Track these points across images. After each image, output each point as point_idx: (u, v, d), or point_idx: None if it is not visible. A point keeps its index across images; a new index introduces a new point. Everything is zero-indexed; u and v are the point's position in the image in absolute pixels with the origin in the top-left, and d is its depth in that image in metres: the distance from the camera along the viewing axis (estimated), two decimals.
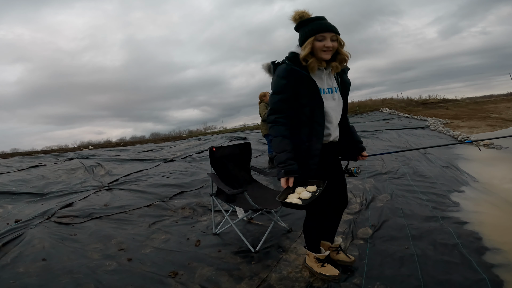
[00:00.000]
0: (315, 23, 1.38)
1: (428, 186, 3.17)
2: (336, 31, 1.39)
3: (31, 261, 1.99)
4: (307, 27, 1.39)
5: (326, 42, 1.36)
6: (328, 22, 1.39)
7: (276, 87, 1.44)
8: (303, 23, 1.42)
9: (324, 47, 1.37)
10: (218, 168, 2.45)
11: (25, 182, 4.64)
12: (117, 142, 16.29)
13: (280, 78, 1.41)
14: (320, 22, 1.38)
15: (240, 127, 18.75)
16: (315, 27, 1.37)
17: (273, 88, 1.46)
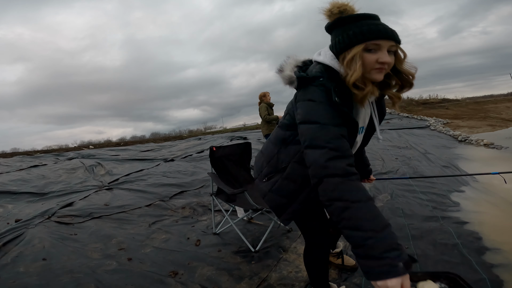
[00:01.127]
0: (365, 23, 0.86)
1: (428, 186, 3.17)
2: (397, 39, 0.87)
3: (31, 261, 1.99)
4: (352, 28, 0.87)
5: (381, 55, 0.85)
6: (385, 24, 0.87)
7: (320, 115, 0.87)
8: (345, 21, 0.90)
9: (378, 62, 0.86)
10: (218, 167, 2.45)
11: (25, 182, 4.65)
12: (117, 141, 16.30)
13: (325, 104, 0.87)
14: (374, 22, 0.87)
15: (241, 126, 18.76)
16: (365, 30, 0.85)
17: (316, 117, 0.87)
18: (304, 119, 0.89)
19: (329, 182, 0.79)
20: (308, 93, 0.91)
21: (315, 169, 0.82)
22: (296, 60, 1.01)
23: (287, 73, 0.97)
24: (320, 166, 0.81)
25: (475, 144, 5.64)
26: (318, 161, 0.81)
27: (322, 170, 0.80)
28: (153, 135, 20.29)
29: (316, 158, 0.82)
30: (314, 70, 0.93)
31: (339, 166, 0.79)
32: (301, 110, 0.91)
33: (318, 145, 0.83)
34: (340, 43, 0.90)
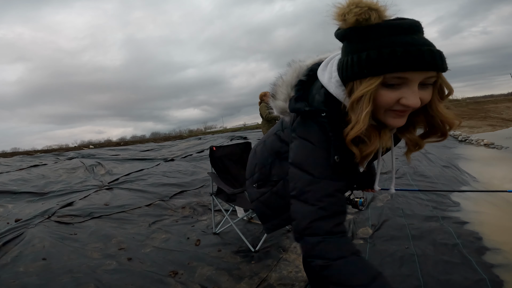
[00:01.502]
0: (391, 40, 0.56)
1: (428, 186, 3.17)
2: (441, 66, 0.57)
3: (31, 261, 1.99)
4: (369, 48, 0.57)
5: (407, 93, 0.58)
6: (423, 43, 0.56)
7: (316, 165, 0.69)
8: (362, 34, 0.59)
9: (399, 104, 0.59)
10: (218, 167, 2.45)
11: (26, 182, 4.65)
12: (118, 141, 16.31)
13: (324, 151, 0.68)
14: (405, 40, 0.56)
15: (241, 126, 18.77)
16: (387, 54, 0.55)
17: (311, 167, 0.69)
18: (296, 163, 0.72)
19: (308, 241, 0.68)
20: (306, 130, 0.70)
21: (298, 224, 0.70)
22: (299, 72, 0.76)
23: (279, 103, 0.78)
24: (304, 224, 0.69)
25: (475, 144, 5.64)
26: (302, 219, 0.69)
27: (305, 229, 0.68)
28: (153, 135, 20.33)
29: (301, 214, 0.69)
30: (317, 99, 0.68)
31: (322, 228, 0.67)
32: (295, 148, 0.72)
33: (307, 201, 0.69)
34: (347, 68, 0.61)
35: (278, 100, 0.79)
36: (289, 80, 0.76)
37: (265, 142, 1.02)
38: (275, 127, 0.99)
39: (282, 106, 0.77)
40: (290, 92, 0.75)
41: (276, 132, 0.95)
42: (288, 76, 0.77)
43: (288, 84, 0.76)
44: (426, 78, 0.57)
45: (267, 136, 1.03)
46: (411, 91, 0.57)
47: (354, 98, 0.60)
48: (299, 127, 0.72)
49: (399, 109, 0.60)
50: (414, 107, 0.59)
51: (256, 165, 1.04)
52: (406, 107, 0.59)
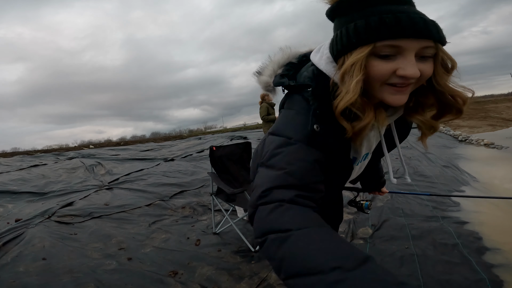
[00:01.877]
0: (377, 9, 0.53)
1: (428, 186, 3.17)
2: (436, 35, 0.52)
3: (31, 261, 1.99)
4: (356, 18, 0.55)
5: (403, 63, 0.53)
6: (414, 11, 0.53)
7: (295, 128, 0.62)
8: (348, 6, 0.57)
9: (397, 76, 0.54)
10: (218, 167, 2.45)
11: (26, 181, 4.65)
12: (118, 141, 16.31)
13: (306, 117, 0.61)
14: (394, 8, 0.52)
15: (241, 126, 18.77)
16: (374, 21, 0.52)
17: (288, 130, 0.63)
18: (274, 130, 0.66)
19: (263, 210, 0.53)
20: (290, 102, 0.67)
21: (255, 194, 0.56)
22: (289, 54, 0.74)
23: (263, 79, 0.75)
24: (260, 191, 0.55)
25: (476, 144, 5.64)
26: (264, 185, 0.55)
27: (259, 198, 0.54)
28: (153, 135, 20.34)
29: (263, 180, 0.57)
30: (304, 75, 0.66)
31: (284, 194, 0.53)
32: (277, 120, 0.70)
33: (274, 165, 0.58)
34: (337, 42, 0.58)
35: (263, 75, 0.76)
36: (278, 60, 0.75)
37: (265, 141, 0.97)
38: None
39: (266, 80, 0.75)
40: (277, 70, 0.74)
41: None
42: (278, 57, 0.75)
43: (276, 62, 0.75)
44: (422, 48, 0.53)
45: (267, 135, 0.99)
46: (407, 61, 0.53)
47: (344, 68, 0.56)
48: (285, 103, 0.70)
49: (397, 81, 0.55)
50: (412, 77, 0.53)
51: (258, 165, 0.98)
52: (404, 79, 0.54)
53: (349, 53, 0.57)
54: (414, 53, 0.53)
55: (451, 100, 0.59)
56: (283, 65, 0.74)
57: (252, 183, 1.01)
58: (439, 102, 0.61)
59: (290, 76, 0.70)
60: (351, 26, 0.55)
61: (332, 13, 0.62)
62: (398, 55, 0.54)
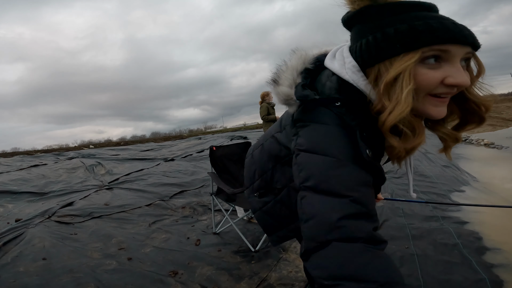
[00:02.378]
0: (417, 15, 0.51)
1: (428, 186, 3.16)
2: (477, 43, 0.51)
3: (31, 261, 1.99)
4: (396, 23, 0.51)
5: (451, 70, 0.50)
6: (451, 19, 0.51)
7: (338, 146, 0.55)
8: (381, 12, 0.53)
9: (444, 85, 0.51)
10: (218, 167, 2.45)
11: (26, 181, 4.65)
12: (118, 141, 16.31)
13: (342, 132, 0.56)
14: (433, 15, 0.51)
15: (241, 126, 18.77)
16: (422, 25, 0.49)
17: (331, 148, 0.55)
18: (309, 147, 0.56)
19: (341, 248, 0.46)
20: (317, 115, 0.58)
21: (319, 226, 0.49)
22: (305, 59, 0.65)
23: (283, 90, 0.64)
24: (329, 223, 0.48)
25: (476, 143, 5.64)
26: (326, 216, 0.49)
27: (334, 230, 0.47)
28: (153, 135, 20.35)
29: (324, 210, 0.50)
30: (328, 86, 0.59)
31: (361, 228, 0.48)
32: (305, 134, 0.58)
33: (332, 191, 0.51)
34: (371, 48, 0.53)
35: (282, 86, 0.65)
36: (295, 66, 0.65)
37: (263, 146, 0.91)
38: (273, 129, 0.88)
39: (287, 92, 0.63)
40: (296, 78, 0.64)
41: (274, 134, 0.85)
42: (294, 62, 0.66)
43: (294, 69, 0.65)
44: (467, 53, 0.51)
45: (264, 139, 0.92)
46: (455, 68, 0.50)
47: (388, 79, 0.51)
48: (306, 114, 0.60)
49: (443, 91, 0.51)
50: (463, 85, 0.50)
51: (255, 171, 0.93)
52: (450, 89, 0.51)
53: (387, 60, 0.52)
54: (459, 59, 0.51)
55: (475, 108, 0.57)
56: (300, 72, 0.65)
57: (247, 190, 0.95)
58: (463, 111, 0.58)
59: (309, 85, 0.63)
60: (389, 31, 0.51)
61: (354, 19, 0.57)
62: (444, 62, 0.50)
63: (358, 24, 0.57)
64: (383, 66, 0.53)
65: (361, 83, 0.57)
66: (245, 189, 0.98)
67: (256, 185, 0.92)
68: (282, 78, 0.65)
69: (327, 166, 0.53)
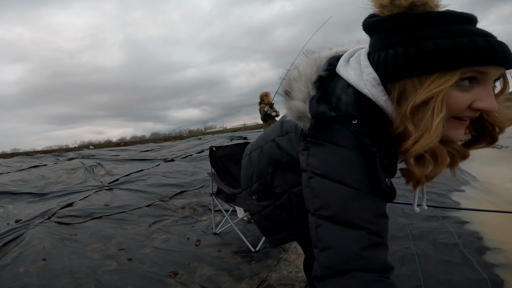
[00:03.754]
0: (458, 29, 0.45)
1: (428, 186, 3.14)
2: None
3: (31, 261, 1.99)
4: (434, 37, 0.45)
5: (482, 94, 0.47)
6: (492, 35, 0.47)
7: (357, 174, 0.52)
8: (415, 22, 0.47)
9: (471, 109, 0.49)
10: (218, 167, 2.45)
11: (26, 182, 4.64)
12: (118, 142, 16.31)
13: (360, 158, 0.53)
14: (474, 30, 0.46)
15: (241, 126, 18.77)
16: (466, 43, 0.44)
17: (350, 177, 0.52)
18: (325, 173, 0.53)
19: (359, 278, 0.48)
20: (333, 135, 0.54)
21: (338, 256, 0.50)
22: (318, 65, 0.59)
23: (296, 104, 0.57)
24: (349, 255, 0.49)
25: None
26: (346, 248, 0.50)
27: (352, 261, 0.49)
28: (153, 135, 20.36)
29: (345, 240, 0.50)
30: (345, 101, 0.54)
31: (378, 259, 0.49)
32: (320, 154, 0.55)
33: (352, 223, 0.50)
34: (399, 61, 0.48)
35: (295, 100, 0.57)
36: (309, 74, 0.58)
37: (262, 149, 0.86)
38: (273, 131, 0.83)
39: (301, 108, 0.56)
40: (311, 90, 0.57)
41: (274, 138, 0.80)
42: (307, 69, 0.59)
43: (308, 79, 0.58)
44: (501, 73, 0.48)
45: (263, 141, 0.87)
46: (486, 92, 0.47)
47: (417, 101, 0.46)
48: (320, 132, 0.55)
49: (467, 115, 0.49)
50: (491, 110, 0.48)
51: (253, 174, 0.90)
52: (475, 113, 0.49)
53: (416, 78, 0.47)
54: (492, 80, 0.48)
55: (489, 127, 0.55)
56: (314, 82, 0.58)
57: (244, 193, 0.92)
58: (476, 129, 0.57)
59: (322, 97, 0.56)
60: (427, 45, 0.45)
61: (380, 25, 0.51)
62: (477, 84, 0.47)
63: (385, 31, 0.51)
64: (411, 84, 0.48)
65: (381, 98, 0.52)
66: (242, 191, 0.96)
67: (254, 188, 0.90)
68: (295, 90, 0.58)
69: (346, 197, 0.51)
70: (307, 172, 0.56)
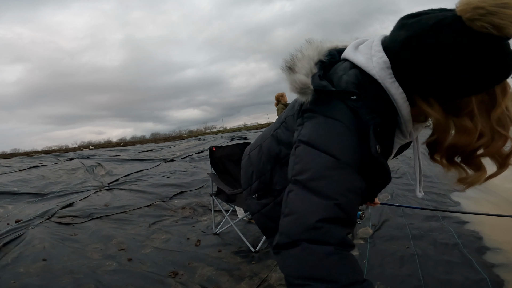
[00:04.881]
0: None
1: (428, 186, 3.16)
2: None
3: (31, 261, 1.99)
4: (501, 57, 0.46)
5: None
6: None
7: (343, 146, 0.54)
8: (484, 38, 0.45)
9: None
10: (218, 168, 2.45)
11: (26, 182, 4.64)
12: (118, 142, 16.32)
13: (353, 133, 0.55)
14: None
15: (240, 126, 18.77)
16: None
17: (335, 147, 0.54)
18: (311, 140, 0.55)
19: (311, 250, 0.47)
20: (328, 108, 0.56)
21: (296, 224, 0.50)
22: (320, 51, 0.64)
23: (300, 78, 0.60)
24: (308, 223, 0.49)
25: None
26: (307, 216, 0.49)
27: (306, 231, 0.49)
28: (153, 135, 20.39)
29: (308, 209, 0.50)
30: (345, 80, 0.57)
31: (336, 233, 0.49)
32: (311, 126, 0.57)
33: (322, 192, 0.50)
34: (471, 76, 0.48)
35: (298, 73, 0.61)
36: (311, 55, 0.63)
37: (261, 147, 0.87)
38: (271, 128, 0.85)
39: (304, 81, 0.59)
40: (313, 68, 0.61)
41: (272, 133, 0.82)
42: (310, 52, 0.63)
43: (311, 59, 0.62)
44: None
45: (262, 139, 0.88)
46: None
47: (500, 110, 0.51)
48: (318, 106, 0.58)
49: None
50: None
51: (253, 173, 0.90)
52: None
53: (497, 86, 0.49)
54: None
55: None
56: (316, 63, 0.63)
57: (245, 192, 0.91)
58: None
59: (323, 77, 0.61)
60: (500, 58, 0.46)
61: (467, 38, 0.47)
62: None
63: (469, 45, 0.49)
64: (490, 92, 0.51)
65: (387, 81, 0.54)
66: (243, 191, 0.95)
67: (254, 187, 0.90)
68: (299, 66, 0.62)
69: (324, 165, 0.52)
70: (296, 143, 0.58)
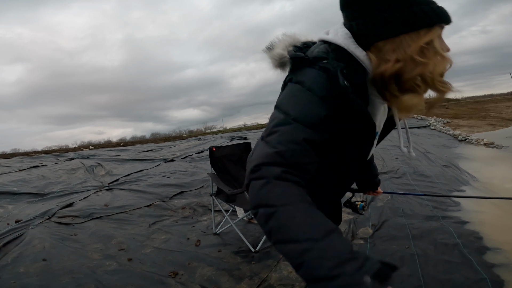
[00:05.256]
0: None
1: (428, 186, 3.16)
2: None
3: (31, 261, 1.99)
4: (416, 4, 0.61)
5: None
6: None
7: (296, 105, 0.63)
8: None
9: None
10: (218, 168, 2.45)
11: (26, 182, 4.64)
12: (118, 142, 16.31)
13: (313, 94, 0.62)
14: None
15: (241, 126, 18.76)
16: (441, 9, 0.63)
17: (290, 106, 0.63)
18: (277, 104, 0.67)
19: (254, 184, 0.58)
20: (300, 75, 0.65)
21: (249, 166, 0.61)
22: (294, 38, 0.76)
23: (277, 51, 0.74)
24: (252, 165, 0.59)
25: (475, 143, 5.63)
26: (255, 160, 0.60)
27: (252, 172, 0.59)
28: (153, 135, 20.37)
29: (257, 155, 0.60)
30: (316, 50, 0.67)
31: (271, 171, 0.56)
32: (284, 93, 0.68)
33: (270, 142, 0.60)
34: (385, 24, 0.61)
35: (276, 49, 0.74)
36: (287, 41, 0.76)
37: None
38: None
39: (281, 53, 0.73)
40: (288, 46, 0.74)
41: None
42: (286, 39, 0.77)
43: (287, 40, 0.76)
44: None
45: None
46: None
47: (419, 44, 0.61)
48: (294, 74, 0.68)
49: None
50: None
51: None
52: None
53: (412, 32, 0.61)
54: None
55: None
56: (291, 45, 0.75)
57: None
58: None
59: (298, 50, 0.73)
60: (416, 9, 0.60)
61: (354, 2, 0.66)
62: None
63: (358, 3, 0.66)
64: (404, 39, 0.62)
65: (351, 46, 0.65)
66: (245, 190, 0.96)
67: None
68: (276, 45, 0.76)
69: (276, 121, 0.63)
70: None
